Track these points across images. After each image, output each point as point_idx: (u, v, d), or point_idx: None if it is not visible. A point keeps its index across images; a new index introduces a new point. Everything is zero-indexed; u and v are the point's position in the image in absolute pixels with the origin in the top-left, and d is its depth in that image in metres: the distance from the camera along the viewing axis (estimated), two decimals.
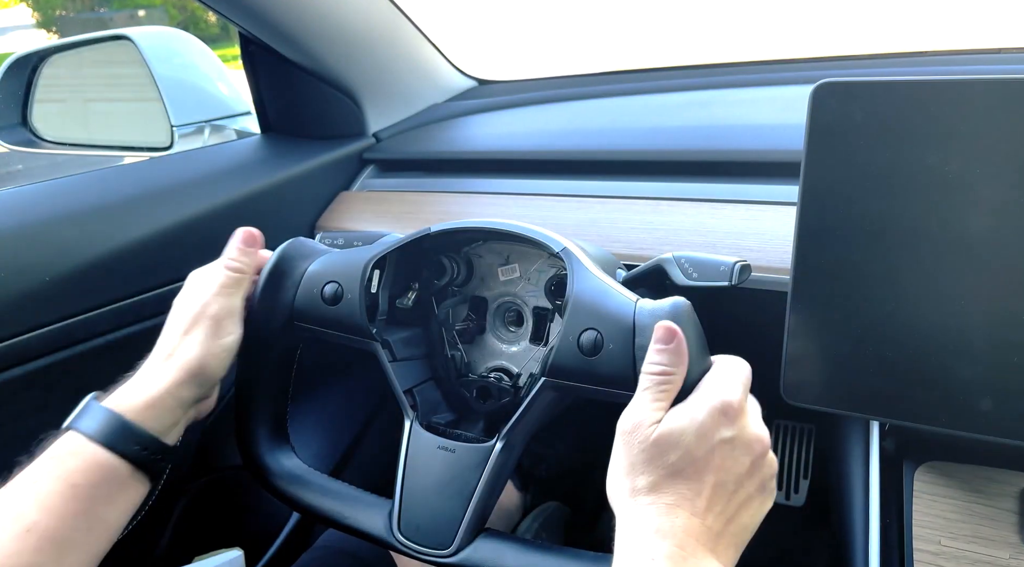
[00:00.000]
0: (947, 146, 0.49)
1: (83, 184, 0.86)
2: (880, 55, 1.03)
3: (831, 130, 0.52)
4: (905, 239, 0.51)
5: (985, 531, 0.55)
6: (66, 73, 1.24)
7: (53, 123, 1.25)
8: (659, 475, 0.41)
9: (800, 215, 0.55)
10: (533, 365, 0.66)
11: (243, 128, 1.17)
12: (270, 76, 1.05)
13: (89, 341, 0.81)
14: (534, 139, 1.02)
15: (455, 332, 0.68)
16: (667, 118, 1.01)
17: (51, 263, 0.77)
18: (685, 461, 0.41)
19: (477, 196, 0.95)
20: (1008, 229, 0.48)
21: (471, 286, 0.69)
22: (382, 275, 0.64)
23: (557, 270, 0.64)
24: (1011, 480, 0.57)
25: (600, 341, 0.52)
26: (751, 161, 0.82)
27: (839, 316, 0.54)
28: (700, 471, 0.41)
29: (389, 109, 1.13)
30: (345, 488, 0.62)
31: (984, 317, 0.50)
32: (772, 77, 1.04)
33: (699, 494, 0.41)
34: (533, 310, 0.66)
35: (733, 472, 0.42)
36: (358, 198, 1.04)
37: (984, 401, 0.51)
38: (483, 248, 0.68)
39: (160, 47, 1.12)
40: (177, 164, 0.97)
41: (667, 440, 0.42)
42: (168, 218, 0.87)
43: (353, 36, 1.02)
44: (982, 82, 0.48)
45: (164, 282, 0.87)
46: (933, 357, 0.52)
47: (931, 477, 0.59)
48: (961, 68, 0.92)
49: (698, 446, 0.41)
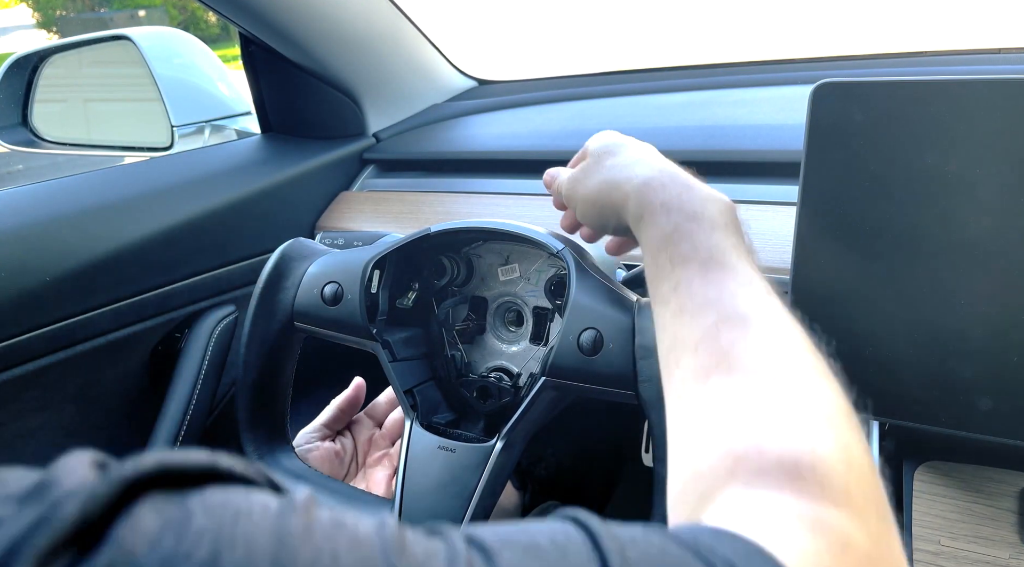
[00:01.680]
0: (947, 146, 0.49)
1: (83, 184, 0.86)
2: (880, 55, 1.03)
3: (831, 130, 0.52)
4: (905, 239, 0.51)
5: (985, 531, 0.55)
6: (66, 73, 1.24)
7: (53, 123, 1.25)
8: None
9: (800, 215, 0.55)
10: (533, 365, 0.66)
11: (243, 128, 1.17)
12: (270, 76, 1.05)
13: (89, 341, 0.81)
14: (534, 139, 1.02)
15: (455, 332, 0.68)
16: (667, 118, 1.01)
17: (51, 263, 0.77)
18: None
19: (477, 196, 0.95)
20: (1008, 229, 0.48)
21: (471, 286, 0.69)
22: (382, 275, 0.64)
23: (557, 270, 0.64)
24: (1011, 480, 0.57)
25: (600, 341, 0.52)
26: (751, 161, 0.82)
27: (839, 316, 0.54)
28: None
29: (389, 109, 1.13)
30: (345, 488, 0.62)
31: (984, 317, 0.50)
32: (772, 77, 1.04)
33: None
34: (533, 310, 0.66)
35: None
36: (358, 198, 1.04)
37: (984, 401, 0.51)
38: (483, 248, 0.68)
39: (160, 47, 1.12)
40: (177, 164, 0.97)
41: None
42: (168, 218, 0.87)
43: (353, 36, 1.02)
44: (982, 82, 0.48)
45: (164, 282, 0.87)
46: (933, 357, 0.52)
47: (931, 477, 0.59)
48: (961, 68, 0.92)
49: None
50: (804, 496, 0.29)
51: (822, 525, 0.28)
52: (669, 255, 0.43)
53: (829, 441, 0.32)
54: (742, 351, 0.37)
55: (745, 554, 0.25)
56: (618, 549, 0.23)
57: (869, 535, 0.29)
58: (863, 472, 0.32)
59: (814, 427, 0.32)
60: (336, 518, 0.20)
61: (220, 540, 0.17)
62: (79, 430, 0.84)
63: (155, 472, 0.19)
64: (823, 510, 0.29)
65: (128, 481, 0.18)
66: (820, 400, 0.34)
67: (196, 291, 0.90)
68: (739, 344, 0.37)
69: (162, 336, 0.89)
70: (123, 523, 0.17)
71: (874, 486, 0.32)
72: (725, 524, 0.28)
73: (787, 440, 0.31)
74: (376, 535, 0.20)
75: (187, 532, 0.17)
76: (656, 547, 0.24)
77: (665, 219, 0.44)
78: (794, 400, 0.34)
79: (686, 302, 0.40)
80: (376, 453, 0.71)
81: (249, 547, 0.18)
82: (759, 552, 0.25)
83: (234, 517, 0.18)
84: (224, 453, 0.21)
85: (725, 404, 0.35)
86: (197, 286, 0.90)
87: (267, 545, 0.18)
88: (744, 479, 0.31)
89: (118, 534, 0.17)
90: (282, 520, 0.19)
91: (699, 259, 0.42)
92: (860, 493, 0.30)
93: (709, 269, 0.41)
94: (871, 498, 0.31)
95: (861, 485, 0.31)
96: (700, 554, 0.24)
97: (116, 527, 0.17)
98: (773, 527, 0.28)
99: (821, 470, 0.30)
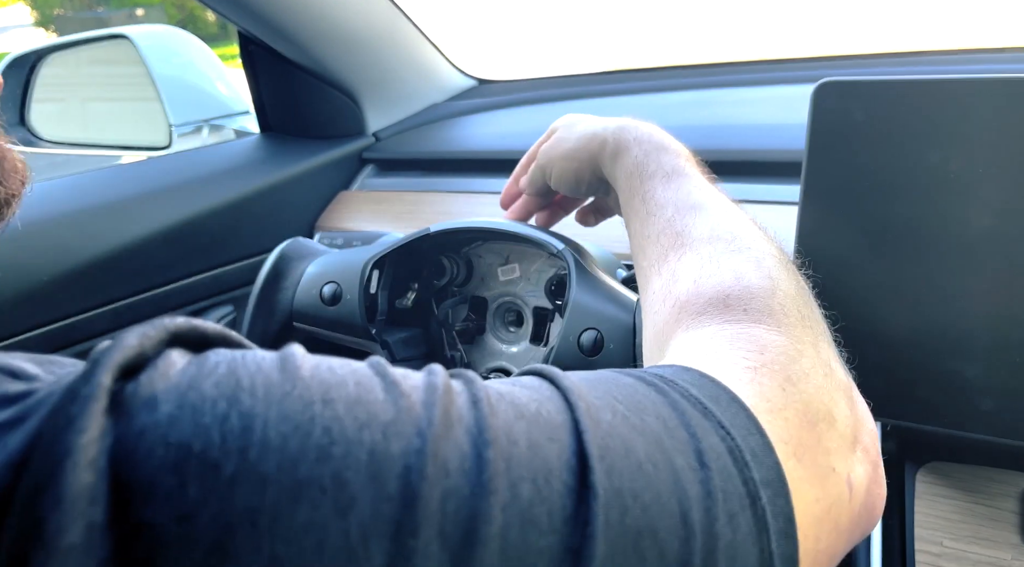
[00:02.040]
0: (948, 146, 0.49)
1: (81, 184, 0.86)
2: (880, 55, 1.03)
3: (832, 129, 0.52)
4: (906, 239, 0.51)
5: (987, 532, 0.55)
6: (64, 72, 1.24)
7: (51, 122, 1.25)
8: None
9: (800, 215, 0.54)
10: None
11: (242, 128, 1.16)
12: (269, 75, 1.05)
13: (89, 341, 0.81)
14: (534, 139, 1.02)
15: (455, 332, 0.67)
16: (667, 117, 1.00)
17: (49, 263, 0.77)
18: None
19: (477, 196, 0.95)
20: (1009, 229, 0.48)
21: (471, 286, 0.69)
22: (381, 275, 0.63)
23: (557, 270, 0.64)
24: (1013, 481, 0.57)
25: (600, 341, 0.52)
26: (752, 161, 0.82)
27: (839, 316, 0.54)
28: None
29: (389, 108, 1.13)
30: None
31: (985, 317, 0.50)
32: (772, 76, 1.04)
33: None
34: (533, 310, 0.66)
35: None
36: (357, 198, 1.04)
37: (985, 401, 0.51)
38: (483, 248, 0.68)
39: (159, 46, 1.12)
40: (176, 164, 0.96)
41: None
42: (166, 218, 0.87)
43: (353, 36, 1.02)
44: (984, 81, 0.48)
45: (164, 282, 0.87)
46: (934, 357, 0.51)
47: (932, 478, 0.59)
48: (962, 67, 0.92)
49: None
50: (730, 320, 0.35)
51: (741, 337, 0.34)
52: (639, 175, 0.50)
53: (754, 275, 0.38)
54: (692, 229, 0.43)
55: (694, 380, 0.30)
56: (585, 408, 0.26)
57: (790, 338, 0.34)
58: (788, 295, 0.37)
59: (743, 267, 0.38)
60: (331, 362, 0.24)
61: (233, 367, 0.22)
62: None
63: (187, 330, 0.24)
64: (745, 327, 0.35)
65: (169, 330, 0.23)
66: (753, 249, 0.41)
67: (194, 291, 0.90)
68: (690, 226, 0.43)
69: None
70: (161, 357, 0.22)
71: (800, 305, 0.38)
72: (675, 359, 0.34)
73: (719, 281, 0.38)
74: (369, 366, 0.25)
75: (205, 363, 0.22)
76: (626, 387, 0.29)
77: (637, 148, 0.52)
78: (731, 252, 0.40)
79: (651, 206, 0.47)
80: None
81: (258, 365, 0.23)
82: (700, 374, 0.31)
83: (243, 356, 0.23)
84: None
85: (676, 270, 0.41)
86: (195, 286, 0.90)
87: (273, 363, 0.23)
88: (687, 323, 0.37)
89: (157, 363, 0.22)
90: (283, 356, 0.24)
91: (663, 172, 0.49)
92: (782, 311, 0.36)
93: (671, 179, 0.48)
94: (793, 313, 0.36)
95: (784, 305, 0.36)
96: (659, 387, 0.29)
97: (156, 360, 0.22)
98: (706, 352, 0.33)
99: (745, 297, 0.36)
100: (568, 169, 0.57)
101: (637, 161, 0.51)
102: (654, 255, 0.44)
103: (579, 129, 0.57)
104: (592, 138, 0.55)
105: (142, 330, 0.23)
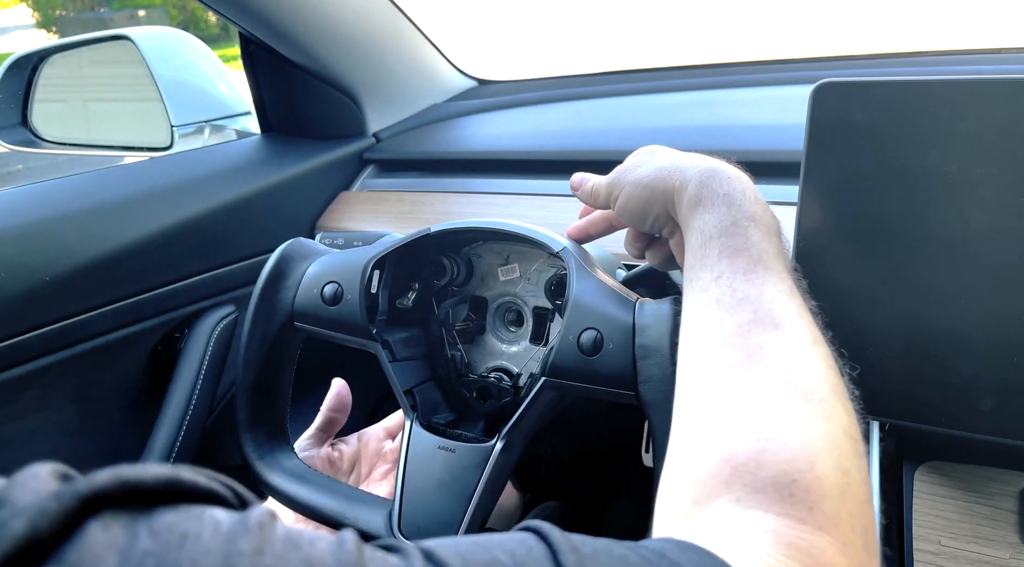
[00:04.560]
0: (947, 146, 0.49)
1: (83, 184, 0.86)
2: (880, 55, 1.03)
3: (831, 130, 0.52)
4: (905, 239, 0.51)
5: (985, 531, 0.55)
6: (66, 73, 1.24)
7: (53, 123, 1.25)
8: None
9: (800, 215, 0.54)
10: (533, 365, 0.66)
11: (243, 128, 1.17)
12: (270, 76, 1.05)
13: (89, 341, 0.81)
14: (534, 139, 1.02)
15: (455, 332, 0.68)
16: (667, 118, 1.01)
17: (51, 263, 0.77)
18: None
19: (477, 196, 0.95)
20: (1008, 229, 0.48)
21: (471, 286, 0.69)
22: (382, 275, 0.63)
23: (557, 270, 0.64)
24: (1011, 480, 0.57)
25: (600, 341, 0.52)
26: (751, 161, 0.81)
27: (839, 316, 0.54)
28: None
29: (389, 109, 1.13)
30: (345, 488, 0.62)
31: (984, 317, 0.50)
32: (772, 77, 1.04)
33: None
34: (533, 310, 0.66)
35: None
36: (358, 198, 1.04)
37: (984, 401, 0.51)
38: (483, 248, 0.68)
39: (160, 47, 1.12)
40: (177, 164, 0.97)
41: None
42: (168, 218, 0.87)
43: (353, 36, 1.02)
44: (982, 82, 0.48)
45: (164, 282, 0.87)
46: (933, 357, 0.52)
47: (931, 477, 0.59)
48: (961, 68, 0.92)
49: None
50: (790, 518, 0.29)
51: (799, 549, 0.28)
52: (719, 245, 0.43)
53: (830, 464, 0.31)
54: (768, 354, 0.37)
55: None
56: (577, 563, 0.23)
57: (849, 564, 0.29)
58: (857, 501, 0.32)
59: (819, 447, 0.32)
60: (292, 538, 0.20)
61: (164, 564, 0.17)
62: (78, 430, 0.84)
63: (113, 488, 0.18)
64: (805, 534, 0.29)
65: (82, 498, 0.18)
66: (831, 420, 0.34)
67: (196, 291, 0.90)
68: (767, 347, 0.37)
69: (162, 336, 0.89)
70: (73, 543, 0.17)
71: (866, 516, 0.32)
72: (706, 538, 0.28)
73: (788, 456, 0.31)
74: (331, 556, 0.20)
75: (132, 555, 0.17)
76: (617, 560, 0.24)
77: (725, 210, 0.45)
78: (806, 415, 0.34)
79: (725, 294, 0.41)
80: (383, 467, 0.70)
81: (195, 563, 0.18)
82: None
83: (181, 539, 0.18)
84: (187, 467, 0.21)
85: (737, 403, 0.35)
86: (197, 286, 0.90)
87: (219, 554, 0.18)
88: (737, 493, 0.31)
89: (65, 554, 0.16)
90: (232, 541, 0.19)
91: (749, 256, 0.42)
92: (849, 521, 0.30)
93: (755, 269, 0.41)
94: (860, 528, 0.31)
95: (852, 513, 0.31)
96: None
97: (65, 547, 0.17)
98: (749, 546, 0.28)
99: (815, 493, 0.30)
100: (637, 197, 0.51)
101: (723, 226, 0.44)
102: (714, 363, 0.38)
103: (660, 159, 0.51)
104: (675, 172, 0.49)
105: (44, 499, 0.17)
